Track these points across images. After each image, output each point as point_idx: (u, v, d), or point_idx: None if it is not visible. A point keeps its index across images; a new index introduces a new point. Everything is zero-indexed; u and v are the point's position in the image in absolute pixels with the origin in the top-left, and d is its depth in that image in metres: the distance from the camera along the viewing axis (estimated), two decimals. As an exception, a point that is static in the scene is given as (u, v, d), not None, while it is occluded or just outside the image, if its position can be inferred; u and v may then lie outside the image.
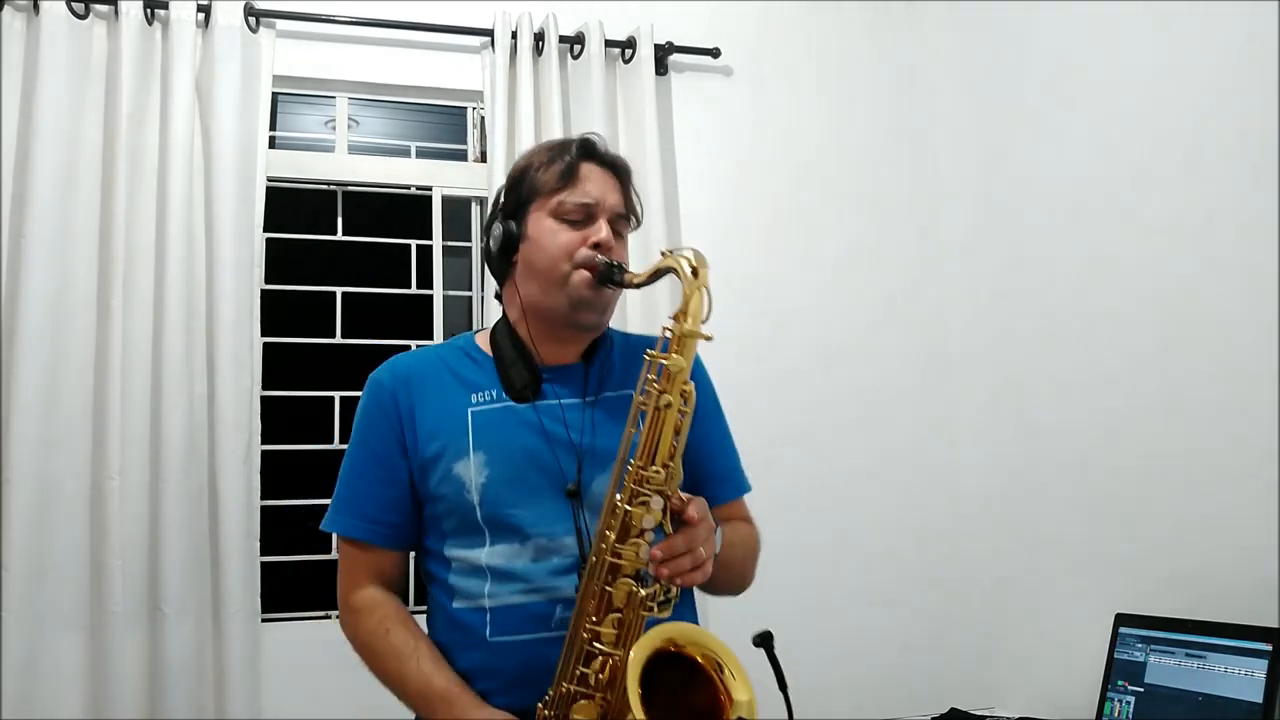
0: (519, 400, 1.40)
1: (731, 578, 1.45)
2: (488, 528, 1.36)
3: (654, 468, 1.25)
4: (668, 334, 1.30)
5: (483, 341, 1.48)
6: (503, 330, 1.46)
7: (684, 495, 1.27)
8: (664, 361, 1.28)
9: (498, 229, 1.44)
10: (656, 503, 1.24)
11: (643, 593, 1.24)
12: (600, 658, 1.25)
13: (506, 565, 1.35)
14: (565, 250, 1.38)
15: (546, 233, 1.40)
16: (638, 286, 1.37)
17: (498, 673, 1.33)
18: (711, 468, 1.51)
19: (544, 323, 1.42)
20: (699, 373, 1.51)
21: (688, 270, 1.31)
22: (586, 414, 1.41)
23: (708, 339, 1.29)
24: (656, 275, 1.35)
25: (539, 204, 1.41)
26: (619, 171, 1.48)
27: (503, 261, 1.45)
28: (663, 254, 1.34)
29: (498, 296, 1.51)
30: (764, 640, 1.34)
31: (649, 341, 1.50)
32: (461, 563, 1.38)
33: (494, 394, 1.41)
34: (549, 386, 1.42)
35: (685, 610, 1.42)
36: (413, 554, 1.47)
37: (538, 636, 1.33)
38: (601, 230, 1.40)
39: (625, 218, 1.47)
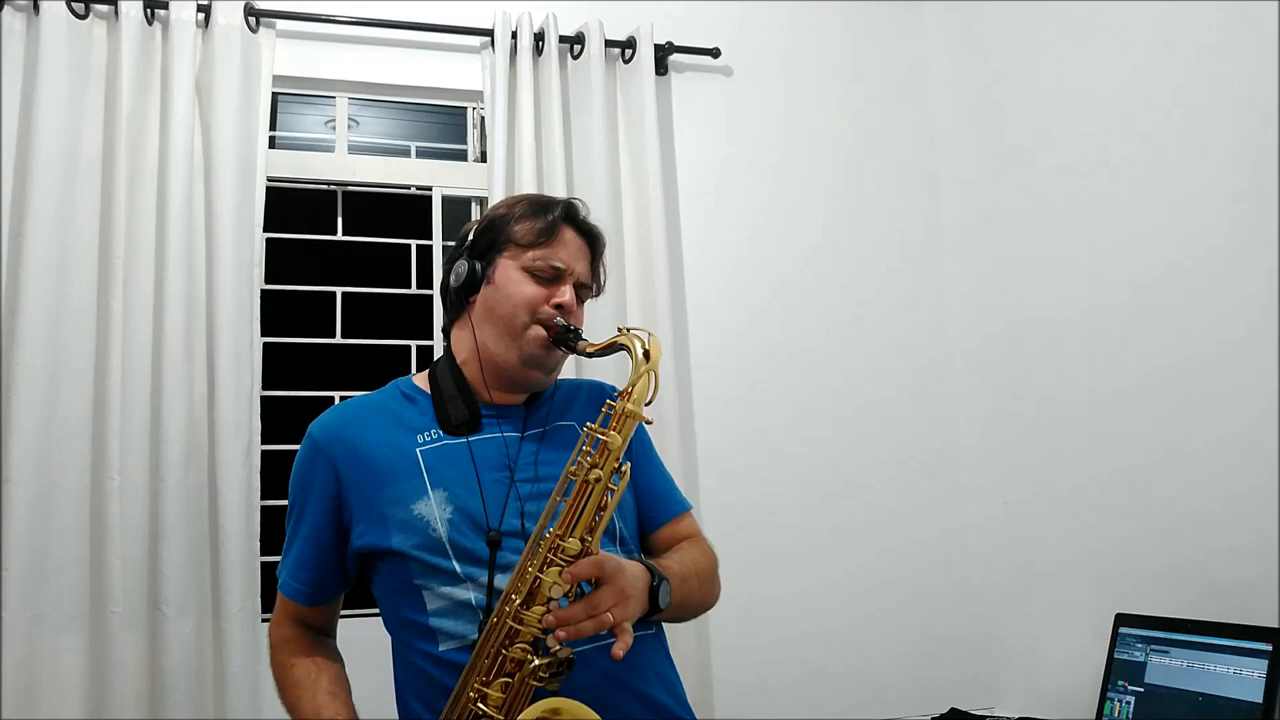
0: (455, 434, 1.41)
1: (690, 610, 1.47)
2: (459, 562, 1.34)
3: (571, 539, 1.24)
4: (610, 410, 1.31)
5: (420, 381, 1.49)
6: (444, 368, 1.47)
7: (592, 560, 1.25)
8: (601, 436, 1.28)
9: (462, 265, 1.45)
10: (566, 575, 1.23)
11: (536, 662, 1.22)
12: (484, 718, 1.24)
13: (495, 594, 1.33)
14: (529, 303, 1.40)
15: (513, 282, 1.42)
16: (589, 355, 1.38)
17: None
18: (652, 490, 1.53)
19: (492, 370, 1.44)
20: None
21: (639, 352, 1.33)
22: (526, 448, 1.42)
23: (648, 422, 1.32)
24: (610, 349, 1.37)
25: (511, 253, 1.43)
26: (594, 241, 1.50)
27: (459, 299, 1.46)
28: (619, 330, 1.37)
29: (445, 333, 1.52)
30: None
31: (593, 385, 1.57)
32: (446, 599, 1.35)
33: (435, 433, 1.42)
34: (492, 422, 1.43)
35: (650, 642, 1.41)
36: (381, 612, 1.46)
37: None
38: (566, 294, 1.42)
39: (589, 286, 1.49)
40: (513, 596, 1.25)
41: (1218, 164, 2.06)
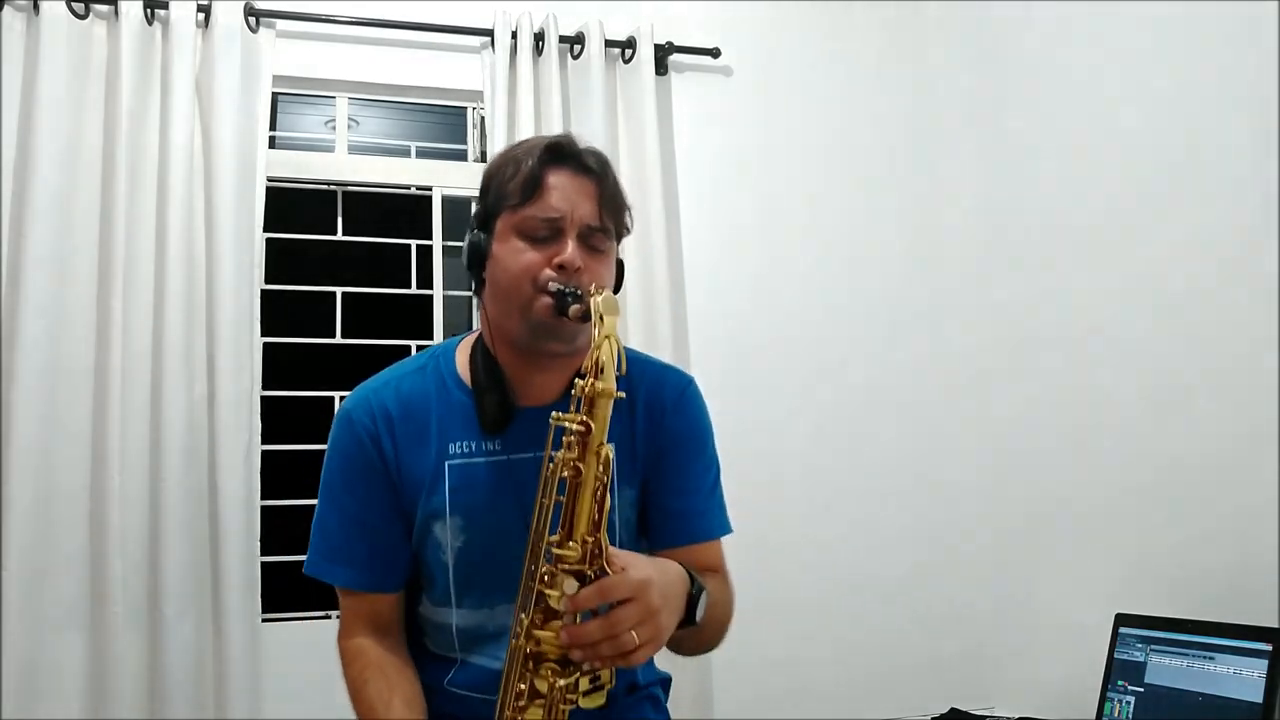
0: (491, 432, 1.30)
1: (703, 642, 1.32)
2: (457, 591, 1.32)
3: (570, 544, 1.10)
4: (577, 393, 1.13)
5: (463, 362, 1.36)
6: (480, 356, 1.33)
7: (615, 561, 1.09)
8: (571, 425, 1.12)
9: (467, 241, 1.32)
10: (570, 585, 1.08)
11: (561, 683, 1.11)
12: None
13: (476, 627, 1.33)
14: (526, 271, 1.24)
15: (509, 252, 1.26)
16: (580, 322, 1.21)
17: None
18: (674, 504, 1.36)
19: (514, 350, 1.30)
20: (690, 403, 1.40)
21: (596, 314, 1.14)
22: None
23: (621, 396, 1.13)
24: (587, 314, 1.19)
25: (504, 218, 1.27)
26: (593, 172, 1.29)
27: (474, 276, 1.33)
28: (588, 290, 1.20)
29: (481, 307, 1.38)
30: None
31: (654, 378, 1.38)
32: (431, 614, 1.36)
33: (472, 445, 1.31)
34: (528, 433, 1.29)
35: (646, 706, 1.39)
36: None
37: (489, 698, 1.29)
38: (566, 250, 1.24)
39: (602, 229, 1.28)
40: (522, 616, 1.15)
41: (1221, 164, 2.06)
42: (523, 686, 1.14)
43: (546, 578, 1.12)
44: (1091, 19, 2.38)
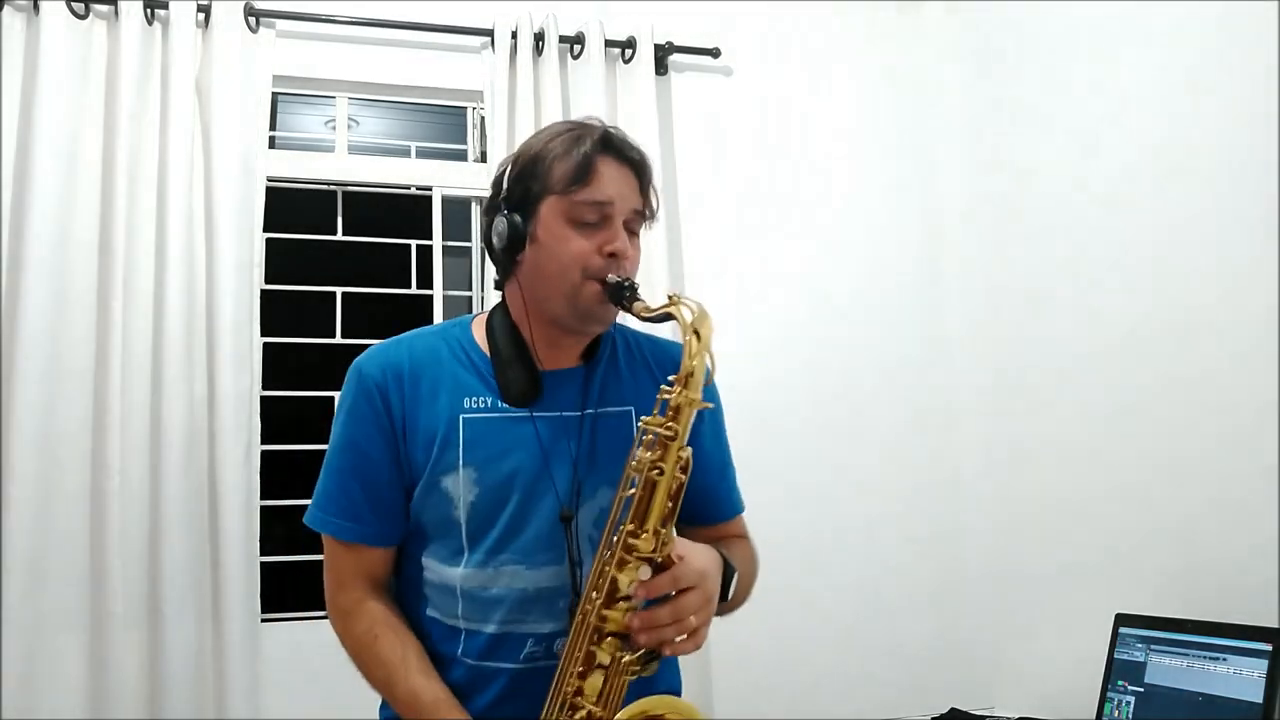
0: (515, 404, 1.33)
1: (729, 610, 1.37)
2: (469, 548, 1.31)
3: (644, 534, 1.19)
4: (665, 398, 1.22)
5: (479, 334, 1.39)
6: (501, 326, 1.37)
7: (680, 553, 1.20)
8: (658, 431, 1.21)
9: (501, 224, 1.33)
10: (644, 571, 1.18)
11: (626, 657, 1.20)
12: (584, 711, 1.22)
13: (481, 590, 1.31)
14: (578, 259, 1.29)
15: (558, 239, 1.30)
16: (643, 320, 1.29)
17: (460, 692, 1.30)
18: (704, 491, 1.41)
19: (547, 326, 1.35)
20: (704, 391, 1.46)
21: (689, 322, 1.22)
22: (586, 427, 1.35)
23: (708, 406, 1.25)
24: (665, 317, 1.26)
25: (551, 203, 1.30)
26: (635, 163, 1.36)
27: (506, 258, 1.34)
28: (670, 298, 1.27)
29: (498, 285, 1.41)
30: None
31: (656, 346, 1.46)
32: (436, 574, 1.34)
33: (488, 401, 1.33)
34: (548, 395, 1.34)
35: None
36: None
37: (505, 666, 1.30)
38: (617, 240, 1.30)
39: (641, 213, 1.36)
40: (593, 595, 1.22)
41: (1222, 166, 2.06)
42: (580, 654, 1.22)
43: (617, 562, 1.20)
44: (1091, 20, 2.38)
